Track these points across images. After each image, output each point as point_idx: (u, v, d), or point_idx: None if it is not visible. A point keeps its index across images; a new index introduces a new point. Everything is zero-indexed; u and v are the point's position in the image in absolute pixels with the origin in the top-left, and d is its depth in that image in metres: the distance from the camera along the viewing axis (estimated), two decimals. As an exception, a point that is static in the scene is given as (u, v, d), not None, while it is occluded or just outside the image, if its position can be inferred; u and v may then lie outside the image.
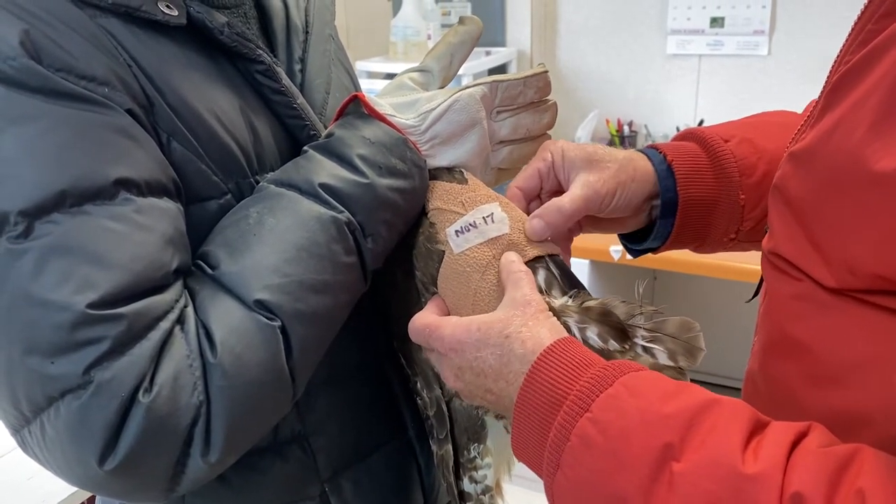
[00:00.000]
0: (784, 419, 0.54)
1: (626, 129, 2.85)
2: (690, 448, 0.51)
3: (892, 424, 0.52)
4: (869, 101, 0.53)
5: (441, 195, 0.76)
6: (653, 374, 0.59)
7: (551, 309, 0.69)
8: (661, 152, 0.83)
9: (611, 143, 2.87)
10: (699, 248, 0.88)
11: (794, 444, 0.49)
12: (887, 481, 0.44)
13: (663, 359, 0.69)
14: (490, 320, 0.66)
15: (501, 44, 2.91)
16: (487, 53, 2.78)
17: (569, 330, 0.68)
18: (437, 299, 0.75)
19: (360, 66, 2.66)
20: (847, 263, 0.55)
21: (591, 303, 0.70)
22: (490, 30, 2.88)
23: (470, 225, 0.73)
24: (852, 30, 0.61)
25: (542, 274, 0.73)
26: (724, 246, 0.88)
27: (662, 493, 0.50)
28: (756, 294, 0.76)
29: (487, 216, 0.73)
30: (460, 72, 2.60)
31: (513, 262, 0.71)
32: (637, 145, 2.86)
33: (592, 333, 0.68)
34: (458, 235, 0.73)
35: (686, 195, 0.81)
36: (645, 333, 0.69)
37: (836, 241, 0.56)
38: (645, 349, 0.69)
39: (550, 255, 0.75)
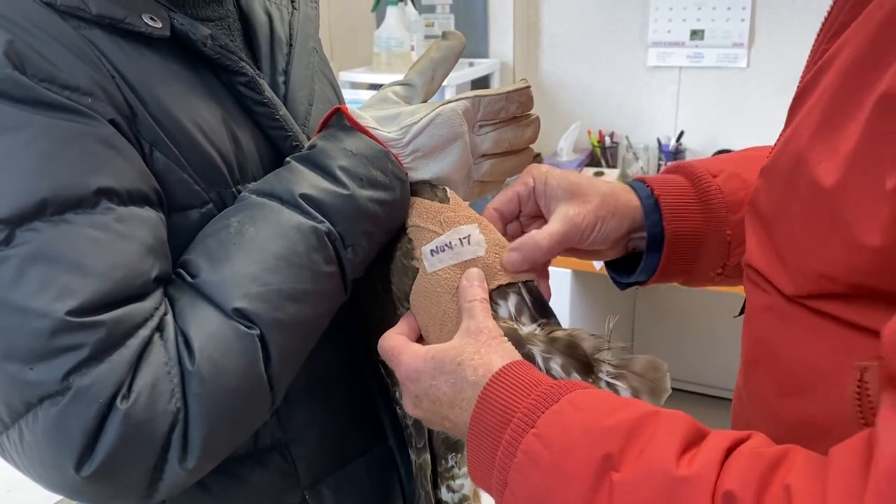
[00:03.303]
0: (761, 429, 0.55)
1: (607, 139, 2.87)
2: (629, 458, 0.52)
3: (844, 434, 0.52)
4: (814, 110, 0.56)
5: (421, 212, 0.76)
6: (599, 391, 0.60)
7: (517, 336, 0.70)
8: (648, 185, 0.82)
9: (592, 154, 2.89)
10: (686, 282, 0.88)
11: (731, 449, 0.50)
12: (812, 477, 0.45)
13: (625, 396, 0.68)
14: (444, 349, 0.67)
15: (484, 55, 2.93)
16: (470, 65, 2.79)
17: (533, 359, 0.69)
18: (409, 317, 0.76)
19: (344, 76, 2.67)
20: (799, 266, 0.57)
21: (558, 333, 0.71)
22: (473, 41, 2.90)
23: (445, 245, 0.73)
24: (810, 51, 0.64)
25: (513, 299, 0.74)
26: (711, 280, 0.88)
27: (603, 500, 0.51)
28: (743, 310, 0.76)
29: (464, 237, 0.73)
30: (444, 83, 2.62)
31: (470, 286, 0.71)
32: (618, 156, 2.88)
33: (556, 364, 0.69)
34: (432, 255, 0.74)
35: (672, 229, 0.81)
36: (610, 369, 0.69)
37: (790, 243, 0.58)
38: (609, 385, 0.69)
39: (525, 282, 0.75)
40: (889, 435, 0.40)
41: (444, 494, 0.84)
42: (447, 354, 0.66)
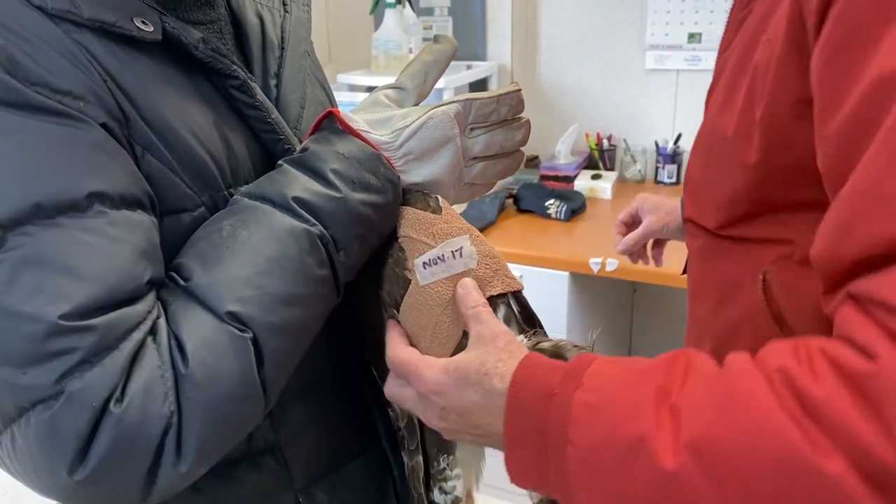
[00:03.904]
0: (703, 349, 0.63)
1: (605, 142, 2.88)
2: (676, 385, 0.57)
3: (757, 324, 0.74)
4: (721, 90, 0.77)
5: (413, 223, 0.77)
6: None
7: None
8: None
9: (590, 157, 2.89)
10: None
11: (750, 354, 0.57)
12: (831, 340, 0.53)
13: None
14: (466, 360, 0.68)
15: (482, 58, 2.93)
16: (468, 67, 2.79)
17: None
18: (397, 324, 0.77)
19: (342, 78, 2.67)
20: (715, 200, 0.78)
21: (544, 344, 0.73)
22: (471, 44, 2.90)
23: (438, 258, 0.74)
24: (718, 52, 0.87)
25: (502, 310, 0.75)
26: None
27: (668, 422, 0.55)
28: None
29: (456, 250, 0.74)
30: (441, 85, 2.59)
31: (468, 294, 0.73)
32: (616, 159, 2.89)
33: None
34: (425, 268, 0.74)
35: None
36: None
37: (708, 185, 0.80)
38: None
39: (514, 293, 0.77)
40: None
41: (437, 496, 0.84)
42: (470, 366, 0.67)
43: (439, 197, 0.78)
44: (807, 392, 0.50)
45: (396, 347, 0.74)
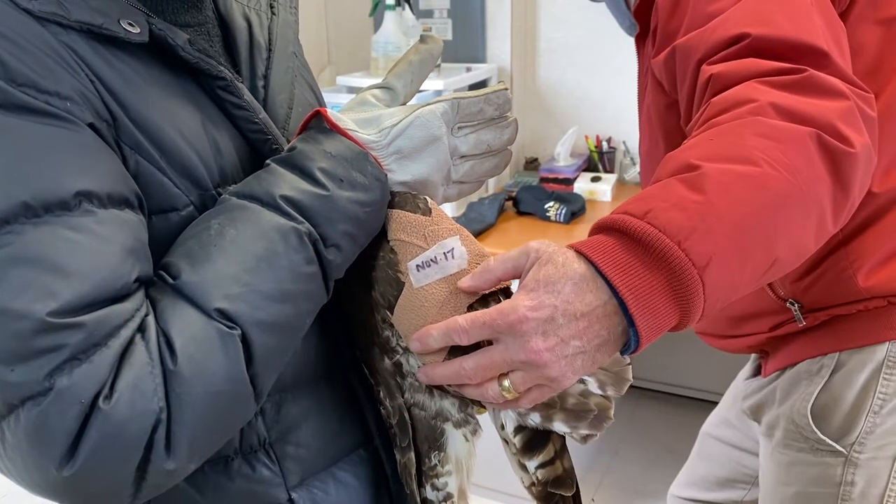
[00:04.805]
0: None
1: (604, 144, 2.88)
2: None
3: None
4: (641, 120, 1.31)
5: (404, 226, 0.77)
6: None
7: None
8: None
9: (590, 159, 2.89)
10: None
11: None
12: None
13: (593, 388, 0.77)
14: (539, 273, 0.71)
15: (482, 60, 2.94)
16: (468, 69, 2.80)
17: None
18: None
19: (342, 81, 2.68)
20: (654, 167, 1.04)
21: None
22: (471, 46, 2.91)
23: (431, 261, 0.75)
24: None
25: (494, 306, 0.75)
26: None
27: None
28: None
29: (448, 252, 0.76)
30: (441, 87, 2.59)
31: (468, 282, 0.76)
32: (616, 161, 2.89)
33: None
34: (418, 270, 0.75)
35: None
36: None
37: (648, 162, 1.36)
38: (580, 380, 0.76)
39: (503, 290, 0.79)
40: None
41: (429, 493, 0.85)
42: (546, 273, 0.70)
43: (428, 198, 0.79)
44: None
45: (460, 320, 0.73)
